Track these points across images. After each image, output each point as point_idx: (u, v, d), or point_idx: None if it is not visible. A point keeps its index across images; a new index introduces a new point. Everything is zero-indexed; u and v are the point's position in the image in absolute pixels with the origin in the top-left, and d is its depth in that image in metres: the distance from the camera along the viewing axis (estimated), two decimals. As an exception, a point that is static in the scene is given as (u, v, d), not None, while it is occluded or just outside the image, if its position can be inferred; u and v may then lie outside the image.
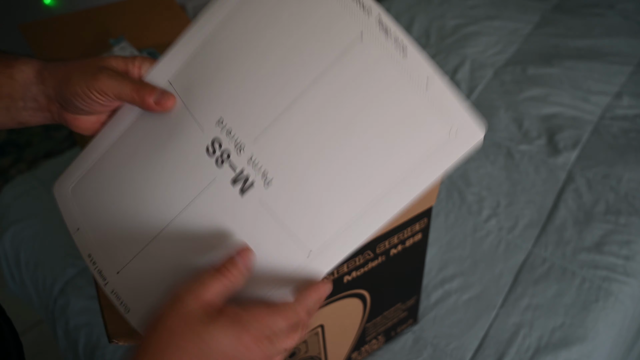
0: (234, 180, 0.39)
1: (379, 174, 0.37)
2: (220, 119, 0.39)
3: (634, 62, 1.25)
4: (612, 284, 0.78)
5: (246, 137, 0.38)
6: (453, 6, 1.53)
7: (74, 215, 0.44)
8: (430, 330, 0.75)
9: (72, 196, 0.45)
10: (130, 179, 0.42)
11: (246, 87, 0.39)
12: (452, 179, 0.98)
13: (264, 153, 0.38)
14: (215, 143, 0.39)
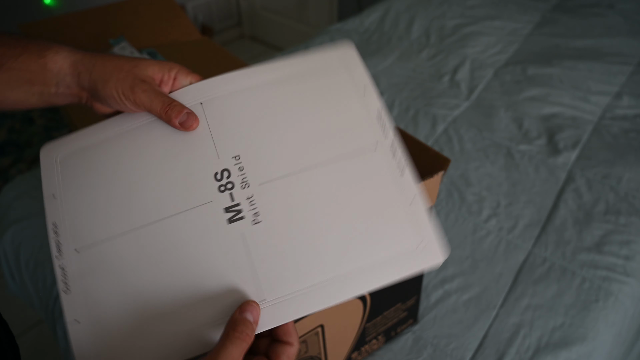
0: (227, 209, 0.42)
1: (350, 256, 0.40)
2: (238, 155, 0.43)
3: (634, 62, 1.25)
4: (612, 284, 0.78)
5: (254, 179, 0.42)
6: (453, 6, 1.53)
7: (54, 182, 0.45)
8: (430, 330, 0.75)
9: (60, 165, 0.45)
10: (131, 168, 0.44)
11: (272, 138, 0.44)
12: (452, 179, 0.98)
13: (263, 198, 0.42)
14: (225, 172, 0.43)
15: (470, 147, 1.05)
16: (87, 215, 0.43)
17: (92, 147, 0.45)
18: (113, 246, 0.41)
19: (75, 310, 0.40)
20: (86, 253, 0.42)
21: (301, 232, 0.41)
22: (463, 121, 1.12)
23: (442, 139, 1.08)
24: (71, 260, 0.42)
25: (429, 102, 1.18)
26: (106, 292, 0.40)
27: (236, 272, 0.40)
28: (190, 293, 0.40)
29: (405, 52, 1.37)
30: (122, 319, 0.40)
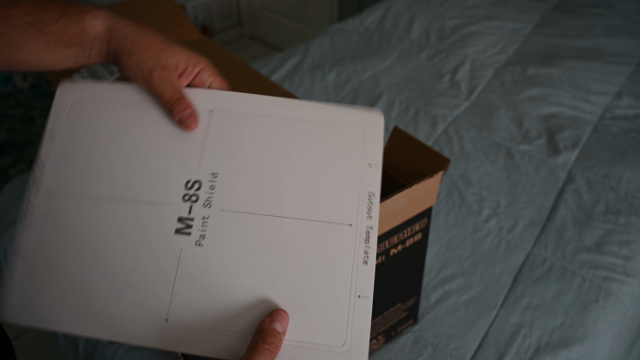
0: (181, 219, 0.42)
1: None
2: (217, 173, 0.43)
3: (634, 62, 1.25)
4: (612, 284, 0.78)
5: (218, 202, 0.42)
6: (453, 6, 1.53)
7: (57, 123, 0.46)
8: (430, 330, 0.75)
9: (69, 109, 0.46)
10: (123, 138, 0.45)
11: (258, 171, 0.43)
12: (452, 179, 0.98)
13: (216, 224, 0.42)
14: (197, 183, 0.43)
15: (470, 147, 1.05)
16: (71, 167, 0.44)
17: (102, 104, 0.46)
18: (79, 205, 0.43)
19: (26, 246, 0.42)
20: (56, 200, 0.43)
21: (233, 275, 0.40)
22: (463, 121, 1.12)
23: (442, 139, 1.08)
24: (42, 201, 0.43)
25: (429, 102, 1.18)
26: (60, 243, 0.42)
27: (157, 281, 0.40)
28: (118, 281, 0.41)
29: (405, 52, 1.37)
30: (65, 274, 0.41)
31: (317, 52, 1.38)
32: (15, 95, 1.97)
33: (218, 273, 0.40)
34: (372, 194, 0.43)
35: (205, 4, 2.49)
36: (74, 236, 0.42)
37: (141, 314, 0.40)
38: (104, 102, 0.46)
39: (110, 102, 0.46)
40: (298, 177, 0.43)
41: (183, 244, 0.41)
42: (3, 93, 1.97)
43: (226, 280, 0.40)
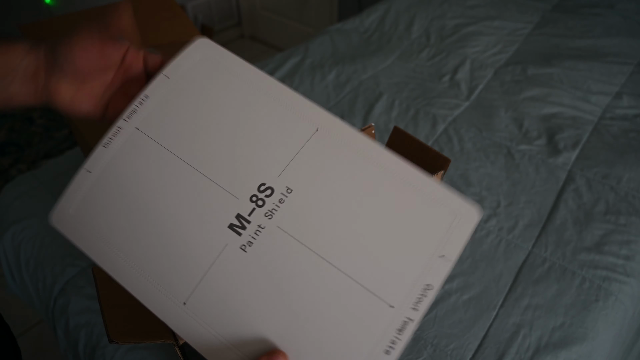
0: (239, 216, 0.41)
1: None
2: (291, 190, 0.42)
3: (634, 62, 1.25)
4: (612, 284, 0.78)
5: (278, 218, 0.41)
6: (453, 6, 1.53)
7: (180, 69, 0.45)
8: (430, 330, 0.75)
9: (198, 61, 0.46)
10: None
11: (328, 207, 0.41)
12: (452, 179, 0.98)
13: (268, 239, 0.40)
14: (269, 190, 0.42)
15: (470, 147, 1.05)
16: (170, 116, 0.44)
17: (228, 73, 0.45)
18: (159, 152, 0.43)
19: (99, 164, 0.43)
20: (142, 137, 0.43)
21: (256, 296, 0.39)
22: (463, 121, 1.12)
23: (442, 139, 1.08)
24: (129, 130, 0.43)
25: (429, 102, 1.18)
26: (128, 175, 0.42)
27: (191, 263, 0.40)
28: (159, 242, 0.41)
29: (405, 52, 1.37)
30: (120, 208, 0.42)
31: (317, 52, 1.38)
32: (15, 95, 1.96)
33: (245, 287, 0.39)
34: (430, 286, 0.40)
35: (205, 4, 2.49)
36: (141, 176, 0.42)
37: (166, 285, 0.40)
38: (230, 73, 0.45)
39: (237, 77, 0.45)
40: (367, 232, 0.40)
41: (229, 241, 0.40)
42: (3, 93, 1.97)
43: (248, 297, 0.39)
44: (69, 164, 1.08)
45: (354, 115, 1.15)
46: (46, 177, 1.04)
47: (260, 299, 0.39)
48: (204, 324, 0.39)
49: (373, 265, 0.39)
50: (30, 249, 0.92)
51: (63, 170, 1.05)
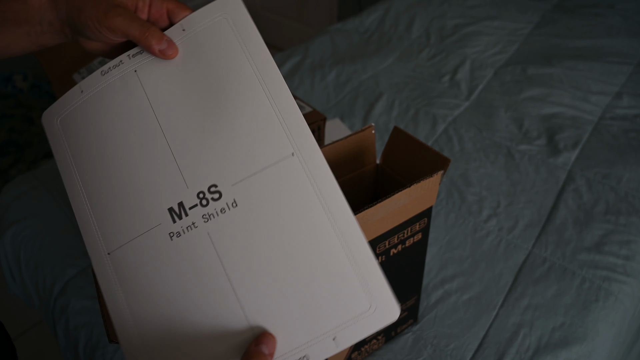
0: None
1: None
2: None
3: (634, 62, 1.25)
4: (612, 284, 0.78)
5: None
6: (453, 6, 1.53)
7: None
8: (430, 330, 0.75)
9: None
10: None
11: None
12: (452, 179, 0.98)
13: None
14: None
15: (470, 147, 1.05)
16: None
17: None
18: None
19: (89, 86, 0.45)
20: (136, 83, 0.44)
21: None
22: (463, 121, 1.12)
23: (442, 139, 1.08)
24: (127, 70, 0.44)
25: (429, 102, 1.18)
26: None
27: (123, 218, 0.42)
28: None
29: (405, 52, 1.37)
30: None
31: (317, 52, 1.38)
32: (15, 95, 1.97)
33: (157, 269, 0.40)
34: (306, 358, 0.39)
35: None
36: (119, 118, 0.43)
37: (101, 228, 0.42)
38: (242, 49, 0.43)
39: (247, 57, 0.43)
40: (284, 284, 0.39)
41: (163, 222, 0.41)
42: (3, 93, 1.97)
43: (155, 279, 0.40)
44: (69, 164, 1.07)
45: (354, 115, 1.15)
46: (46, 177, 1.03)
47: (164, 286, 0.40)
48: (118, 284, 0.41)
49: (273, 313, 0.38)
50: (30, 249, 0.92)
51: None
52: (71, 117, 0.45)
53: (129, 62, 0.44)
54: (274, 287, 0.39)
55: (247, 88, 0.42)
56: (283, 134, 0.40)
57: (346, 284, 0.38)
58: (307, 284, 0.39)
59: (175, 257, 0.40)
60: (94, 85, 0.44)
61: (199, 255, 0.40)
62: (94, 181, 0.43)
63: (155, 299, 0.40)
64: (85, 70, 0.81)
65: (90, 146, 0.43)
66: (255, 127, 0.41)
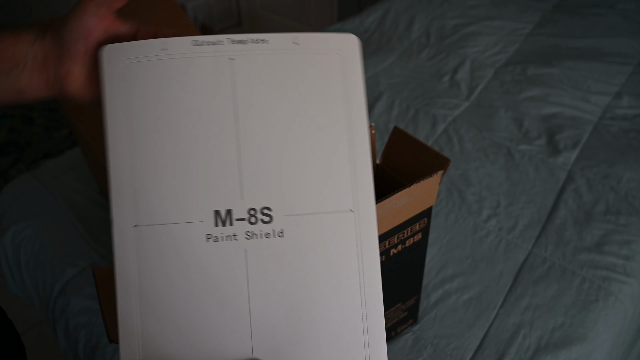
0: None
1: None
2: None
3: (634, 62, 1.25)
4: (612, 284, 0.78)
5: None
6: (453, 6, 1.53)
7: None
8: (430, 330, 0.75)
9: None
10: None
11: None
12: (452, 179, 0.98)
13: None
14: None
15: (470, 147, 1.05)
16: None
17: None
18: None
19: (172, 46, 0.41)
20: (227, 66, 0.42)
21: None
22: (463, 121, 1.12)
23: (442, 139, 1.08)
24: (220, 52, 0.42)
25: (429, 102, 1.18)
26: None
27: (164, 198, 0.40)
28: None
29: (405, 52, 1.37)
30: None
31: (317, 52, 1.38)
32: (15, 95, 1.97)
33: (180, 269, 0.40)
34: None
35: (205, 4, 2.49)
36: (200, 99, 0.41)
37: (136, 198, 0.40)
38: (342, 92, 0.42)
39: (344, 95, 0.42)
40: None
41: (204, 221, 0.40)
42: (3, 93, 1.97)
43: (176, 275, 0.40)
44: (69, 164, 1.07)
45: (354, 115, 1.15)
46: (46, 177, 1.04)
47: (181, 281, 0.39)
48: (136, 257, 0.39)
49: (277, 352, 0.40)
50: (30, 249, 0.92)
51: (63, 170, 1.05)
52: (143, 67, 0.41)
53: (228, 46, 0.41)
54: (287, 328, 0.39)
55: (334, 131, 0.41)
56: (349, 188, 0.41)
57: (352, 347, 0.39)
58: (318, 337, 0.39)
59: (204, 260, 0.40)
60: (180, 50, 0.41)
61: (229, 268, 0.40)
62: (146, 146, 0.40)
63: (169, 290, 0.39)
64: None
65: (155, 109, 0.41)
66: (327, 171, 0.41)
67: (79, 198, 0.98)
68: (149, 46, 0.41)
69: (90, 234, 0.92)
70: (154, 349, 0.39)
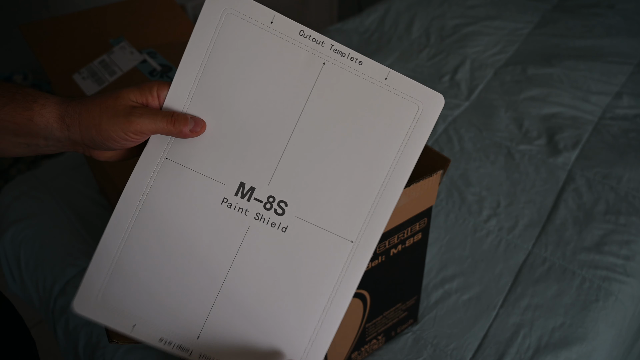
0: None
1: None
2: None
3: (634, 62, 1.25)
4: (612, 284, 0.78)
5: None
6: (453, 6, 1.53)
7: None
8: (430, 330, 0.75)
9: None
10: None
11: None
12: (452, 179, 0.98)
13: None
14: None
15: (470, 147, 1.05)
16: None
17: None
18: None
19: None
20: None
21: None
22: (463, 121, 1.12)
23: (442, 139, 1.08)
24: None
25: (429, 102, 1.18)
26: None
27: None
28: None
29: (405, 52, 1.37)
30: None
31: (317, 52, 1.38)
32: (16, 95, 1.96)
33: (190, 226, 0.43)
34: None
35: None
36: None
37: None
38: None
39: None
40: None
41: (226, 187, 0.43)
42: (3, 93, 1.97)
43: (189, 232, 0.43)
44: (69, 164, 1.07)
45: (354, 115, 1.15)
46: (46, 177, 1.03)
47: (177, 227, 0.43)
48: (148, 193, 0.43)
49: (225, 332, 0.43)
50: (30, 249, 0.92)
51: (63, 170, 1.05)
52: (241, 25, 0.44)
53: (327, 50, 0.43)
54: (248, 308, 0.43)
55: (376, 169, 0.43)
56: (360, 223, 0.43)
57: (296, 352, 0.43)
58: (271, 329, 0.43)
59: (210, 217, 0.42)
60: (283, 31, 0.44)
61: (227, 234, 0.43)
62: (214, 89, 0.43)
63: (163, 231, 0.42)
64: (85, 70, 0.81)
65: (235, 68, 0.43)
66: (351, 199, 0.43)
67: (79, 198, 0.98)
68: (259, 10, 0.44)
69: (90, 234, 0.91)
70: (117, 293, 0.43)
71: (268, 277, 0.43)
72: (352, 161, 0.43)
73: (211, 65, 0.43)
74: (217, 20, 0.44)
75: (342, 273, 0.43)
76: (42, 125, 0.40)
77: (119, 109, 0.40)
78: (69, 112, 0.40)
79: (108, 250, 0.43)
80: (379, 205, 0.43)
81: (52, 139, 0.41)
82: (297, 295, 0.43)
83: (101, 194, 0.99)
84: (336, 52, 0.43)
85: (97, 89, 0.79)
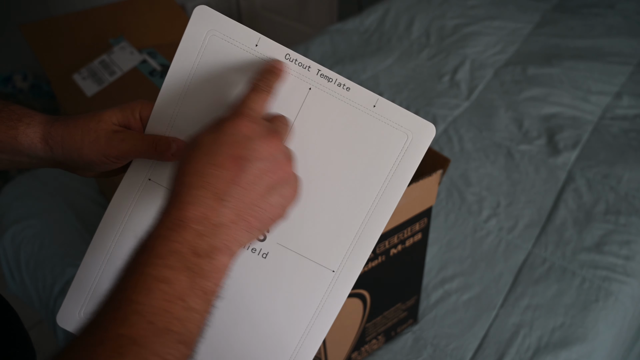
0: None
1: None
2: None
3: (634, 62, 1.25)
4: (612, 284, 0.78)
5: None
6: (453, 6, 1.53)
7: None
8: (430, 330, 0.75)
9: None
10: None
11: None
12: (452, 179, 0.98)
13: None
14: None
15: (470, 147, 1.05)
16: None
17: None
18: None
19: None
20: None
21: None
22: (463, 121, 1.12)
23: (442, 139, 1.08)
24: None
25: (429, 102, 1.18)
26: None
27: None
28: None
29: (405, 52, 1.37)
30: None
31: (317, 52, 1.38)
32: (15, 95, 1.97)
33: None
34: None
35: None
36: None
37: None
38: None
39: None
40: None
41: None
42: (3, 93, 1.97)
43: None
44: (69, 164, 1.08)
45: (354, 115, 1.15)
46: (46, 177, 1.03)
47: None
48: (130, 213, 0.42)
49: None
50: (30, 249, 0.92)
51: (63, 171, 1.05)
52: (224, 47, 0.43)
53: (314, 75, 0.42)
54: (224, 327, 0.42)
55: (361, 199, 0.41)
56: (343, 252, 0.42)
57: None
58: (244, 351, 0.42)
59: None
60: (271, 56, 0.43)
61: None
62: (197, 111, 0.42)
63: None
64: (85, 70, 0.81)
65: (218, 91, 0.42)
66: (335, 228, 0.42)
67: (79, 198, 0.98)
68: (244, 33, 0.43)
69: (90, 234, 0.92)
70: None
71: (247, 303, 0.42)
72: (336, 190, 0.41)
73: (194, 87, 0.42)
74: (200, 42, 0.42)
75: (322, 302, 0.42)
76: (26, 144, 0.40)
77: (101, 133, 0.40)
78: (52, 134, 0.40)
79: (89, 271, 0.42)
80: (362, 235, 0.41)
81: (36, 157, 0.41)
82: (276, 321, 0.42)
83: (101, 193, 0.99)
84: (323, 77, 0.41)
85: (97, 89, 0.79)
